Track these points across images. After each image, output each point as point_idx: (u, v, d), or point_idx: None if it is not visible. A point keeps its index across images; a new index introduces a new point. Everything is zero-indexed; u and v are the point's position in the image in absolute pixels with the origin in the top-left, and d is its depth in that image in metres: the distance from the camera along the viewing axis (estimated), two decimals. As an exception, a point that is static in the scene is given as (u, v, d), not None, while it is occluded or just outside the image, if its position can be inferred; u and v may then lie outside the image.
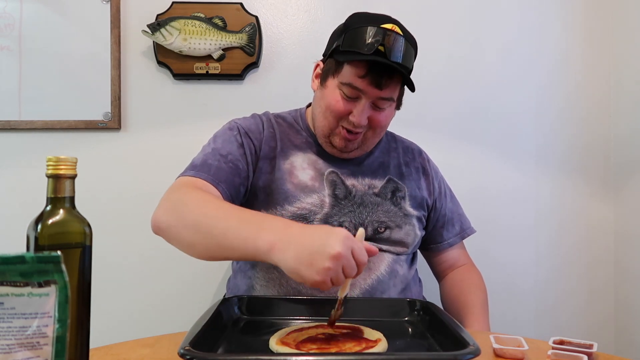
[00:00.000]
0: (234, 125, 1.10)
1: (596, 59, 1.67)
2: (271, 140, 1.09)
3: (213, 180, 0.97)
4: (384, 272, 1.05)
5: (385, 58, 0.95)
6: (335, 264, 0.69)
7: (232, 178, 1.00)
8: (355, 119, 1.00)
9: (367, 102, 1.00)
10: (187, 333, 0.69)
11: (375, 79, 0.97)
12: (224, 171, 0.99)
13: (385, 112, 1.04)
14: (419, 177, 1.17)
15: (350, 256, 0.70)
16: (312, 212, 1.04)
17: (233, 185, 1.00)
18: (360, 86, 0.99)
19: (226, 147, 1.04)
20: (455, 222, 1.22)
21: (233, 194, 1.01)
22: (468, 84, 1.65)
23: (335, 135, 1.05)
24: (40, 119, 1.54)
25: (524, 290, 1.64)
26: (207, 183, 0.96)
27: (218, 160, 1.01)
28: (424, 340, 0.81)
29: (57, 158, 0.58)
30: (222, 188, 0.97)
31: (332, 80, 1.03)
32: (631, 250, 1.58)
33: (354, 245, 0.71)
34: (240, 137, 1.07)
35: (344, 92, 1.01)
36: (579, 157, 1.66)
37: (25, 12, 1.54)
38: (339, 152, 1.08)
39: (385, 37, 0.96)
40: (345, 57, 0.99)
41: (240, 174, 1.02)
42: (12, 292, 0.49)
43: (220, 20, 1.56)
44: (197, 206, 0.86)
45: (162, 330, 0.93)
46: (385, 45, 0.96)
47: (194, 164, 1.01)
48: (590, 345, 0.76)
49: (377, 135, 1.08)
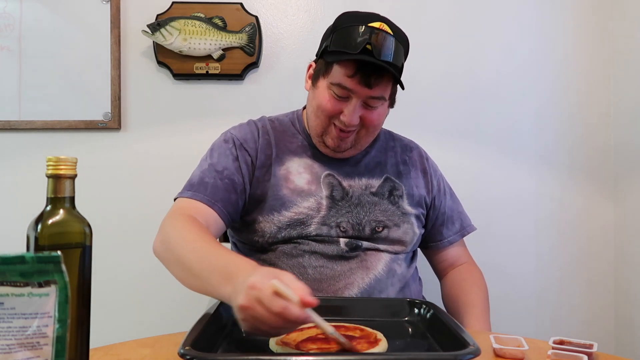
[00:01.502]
0: (229, 137, 1.11)
1: (596, 60, 1.67)
2: (267, 148, 1.10)
3: (209, 200, 1.00)
4: (382, 272, 1.05)
5: (373, 57, 0.95)
6: (244, 315, 0.67)
7: (228, 195, 1.03)
8: (346, 118, 1.00)
9: (357, 101, 1.00)
10: (187, 333, 0.69)
11: (364, 78, 0.97)
12: (220, 189, 1.02)
13: (378, 111, 1.04)
14: (417, 175, 1.17)
15: (256, 306, 0.65)
16: (309, 215, 1.04)
17: (230, 202, 1.03)
18: (350, 86, 0.99)
19: (222, 161, 1.06)
20: (455, 220, 1.22)
21: (230, 210, 1.03)
22: (469, 87, 1.65)
23: (327, 134, 1.06)
24: (40, 119, 1.54)
25: (524, 288, 1.64)
26: (203, 205, 0.99)
27: (214, 177, 1.03)
28: (424, 340, 0.81)
29: (57, 158, 0.58)
30: (218, 207, 1.00)
31: (322, 80, 1.03)
32: (631, 251, 1.58)
33: (260, 295, 0.65)
34: (236, 150, 1.08)
35: (335, 92, 1.01)
36: (579, 156, 1.66)
37: (25, 12, 1.54)
38: (333, 151, 1.08)
39: (372, 36, 0.96)
40: (333, 58, 0.99)
41: (236, 189, 1.04)
42: (12, 292, 0.49)
43: (220, 20, 1.56)
44: (180, 245, 0.88)
45: (162, 330, 0.93)
46: (373, 44, 0.95)
47: (191, 182, 1.04)
48: (590, 345, 0.76)
49: (370, 134, 1.08)
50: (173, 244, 0.90)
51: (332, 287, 1.02)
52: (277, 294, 0.64)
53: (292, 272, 1.01)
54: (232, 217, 1.04)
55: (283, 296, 0.64)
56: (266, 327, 0.66)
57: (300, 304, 0.65)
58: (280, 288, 0.64)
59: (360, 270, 1.04)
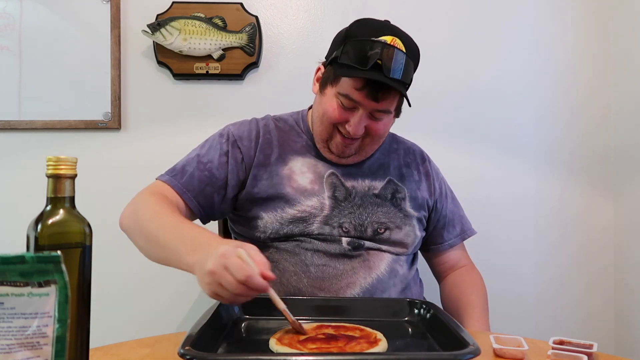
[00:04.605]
0: (225, 132, 1.12)
1: (596, 61, 1.67)
2: (267, 148, 1.10)
3: (180, 189, 1.04)
4: (384, 272, 1.05)
5: (382, 73, 0.95)
6: (210, 279, 0.73)
7: (203, 187, 1.05)
8: (352, 129, 1.01)
9: (364, 112, 1.00)
10: (187, 333, 0.69)
11: (372, 92, 0.97)
12: (195, 179, 1.05)
13: (383, 122, 1.04)
14: (420, 178, 1.17)
15: (223, 272, 0.72)
16: (312, 214, 1.05)
17: (202, 194, 1.05)
18: (357, 98, 0.99)
19: (209, 154, 1.08)
20: (456, 223, 1.22)
21: (202, 202, 1.05)
22: (470, 90, 1.64)
23: (332, 140, 1.06)
24: (40, 119, 1.54)
25: (524, 288, 1.64)
26: (173, 192, 1.03)
27: (195, 167, 1.06)
28: (424, 340, 0.81)
29: (57, 158, 0.58)
30: (188, 196, 1.04)
31: (330, 88, 1.03)
32: (631, 251, 1.58)
33: (228, 262, 0.72)
34: (227, 146, 1.09)
35: (342, 102, 1.01)
36: (579, 157, 1.66)
37: (25, 12, 1.54)
38: (337, 157, 1.08)
39: (384, 51, 0.95)
40: (343, 72, 0.98)
41: (214, 183, 1.06)
42: (12, 292, 0.49)
43: (220, 20, 1.56)
44: (150, 217, 0.94)
45: (162, 330, 0.93)
46: (384, 60, 0.95)
47: (174, 167, 1.08)
48: (590, 346, 0.76)
49: (375, 143, 1.08)
50: (143, 215, 0.95)
51: (334, 286, 1.02)
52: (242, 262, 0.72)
53: (294, 269, 1.02)
54: (204, 210, 1.06)
55: (246, 264, 0.72)
56: (227, 294, 0.73)
57: (260, 276, 0.72)
58: (244, 257, 0.72)
59: (362, 270, 1.04)
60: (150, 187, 1.05)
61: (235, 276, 0.71)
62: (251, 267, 0.72)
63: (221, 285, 0.73)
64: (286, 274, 1.03)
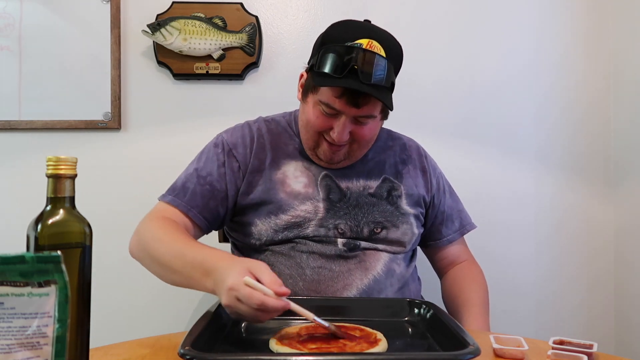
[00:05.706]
0: (220, 141, 1.11)
1: (596, 60, 1.67)
2: (260, 153, 1.09)
3: (185, 207, 1.03)
4: (381, 272, 1.05)
5: (358, 79, 0.92)
6: (230, 310, 0.77)
7: (206, 202, 1.05)
8: (336, 136, 1.00)
9: (347, 119, 0.99)
10: (187, 333, 0.69)
11: (352, 99, 0.95)
12: (198, 195, 1.04)
13: (369, 126, 1.02)
14: (417, 174, 1.16)
15: (237, 304, 0.74)
16: (306, 219, 1.04)
17: (207, 209, 1.05)
18: (338, 106, 0.97)
19: (207, 167, 1.08)
20: (454, 219, 1.21)
21: (207, 216, 1.05)
22: (469, 87, 1.64)
23: (319, 147, 1.05)
24: (40, 119, 1.54)
25: (524, 288, 1.64)
26: (178, 211, 1.03)
27: (195, 183, 1.06)
28: (424, 340, 0.81)
29: (57, 158, 0.58)
30: (194, 213, 1.03)
31: (312, 96, 1.01)
32: (631, 249, 1.58)
33: (238, 294, 0.73)
34: (224, 156, 1.08)
35: (323, 110, 0.99)
36: (579, 157, 1.66)
37: (25, 12, 1.54)
38: (326, 164, 1.07)
39: (359, 56, 0.93)
40: (319, 81, 0.96)
41: (216, 196, 1.05)
42: (12, 292, 0.49)
43: (220, 20, 1.56)
44: (155, 245, 0.95)
45: (162, 330, 0.93)
46: (359, 65, 0.92)
47: (174, 186, 1.07)
48: (590, 346, 0.76)
49: (363, 147, 1.07)
50: (148, 243, 0.96)
51: (330, 288, 1.01)
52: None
53: (290, 272, 1.02)
54: (210, 223, 1.06)
55: (258, 290, 0.72)
56: (250, 318, 0.76)
57: (276, 295, 0.72)
58: (253, 284, 0.72)
59: (359, 271, 1.03)
60: (153, 212, 1.04)
61: (249, 305, 0.72)
62: (262, 292, 0.72)
63: (241, 314, 0.75)
64: (281, 278, 1.02)
